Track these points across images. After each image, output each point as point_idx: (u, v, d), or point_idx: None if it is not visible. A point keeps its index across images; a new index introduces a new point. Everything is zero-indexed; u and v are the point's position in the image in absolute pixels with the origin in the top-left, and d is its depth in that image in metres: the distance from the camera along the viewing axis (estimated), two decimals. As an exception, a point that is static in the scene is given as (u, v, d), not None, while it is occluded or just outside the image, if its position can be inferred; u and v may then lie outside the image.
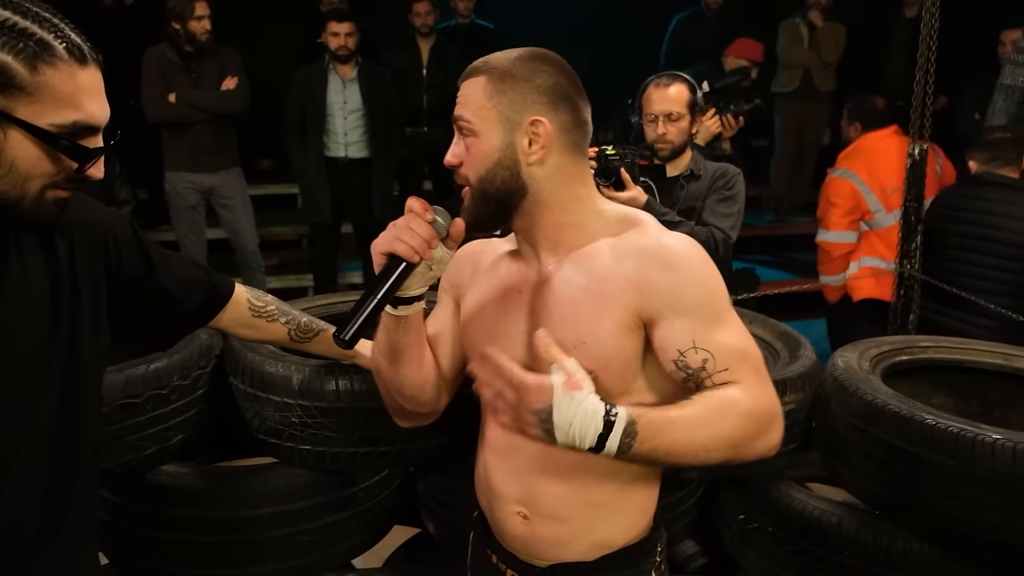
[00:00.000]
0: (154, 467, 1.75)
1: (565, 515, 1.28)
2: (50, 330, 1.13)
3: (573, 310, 1.21)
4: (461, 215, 1.24)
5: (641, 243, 1.21)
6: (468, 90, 1.24)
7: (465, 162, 1.24)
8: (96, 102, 1.05)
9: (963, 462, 1.65)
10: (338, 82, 4.53)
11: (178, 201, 4.35)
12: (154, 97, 4.19)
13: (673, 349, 1.16)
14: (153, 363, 1.70)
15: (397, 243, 1.16)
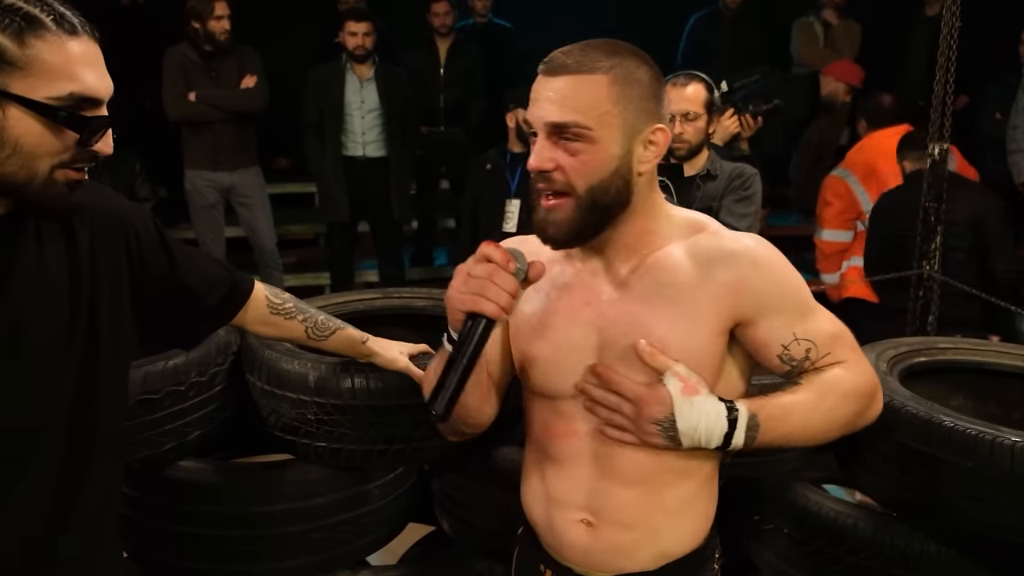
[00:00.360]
0: (172, 463, 1.76)
1: (633, 522, 1.25)
2: (69, 321, 1.13)
3: (660, 319, 1.18)
4: (549, 229, 1.15)
5: (724, 247, 1.20)
6: (582, 91, 1.12)
7: (570, 169, 1.13)
8: (92, 73, 1.04)
9: (982, 464, 1.63)
10: (355, 82, 4.54)
11: (197, 199, 4.39)
12: (175, 96, 4.23)
13: (776, 344, 1.20)
14: (171, 359, 1.72)
15: (483, 303, 1.07)
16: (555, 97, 1.13)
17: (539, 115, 1.15)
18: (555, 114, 1.13)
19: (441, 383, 1.11)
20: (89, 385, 1.16)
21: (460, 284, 1.11)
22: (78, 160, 1.06)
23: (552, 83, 1.14)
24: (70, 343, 1.13)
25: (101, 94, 1.05)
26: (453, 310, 1.12)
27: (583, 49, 1.15)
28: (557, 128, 1.13)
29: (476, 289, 1.08)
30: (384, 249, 4.95)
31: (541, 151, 1.14)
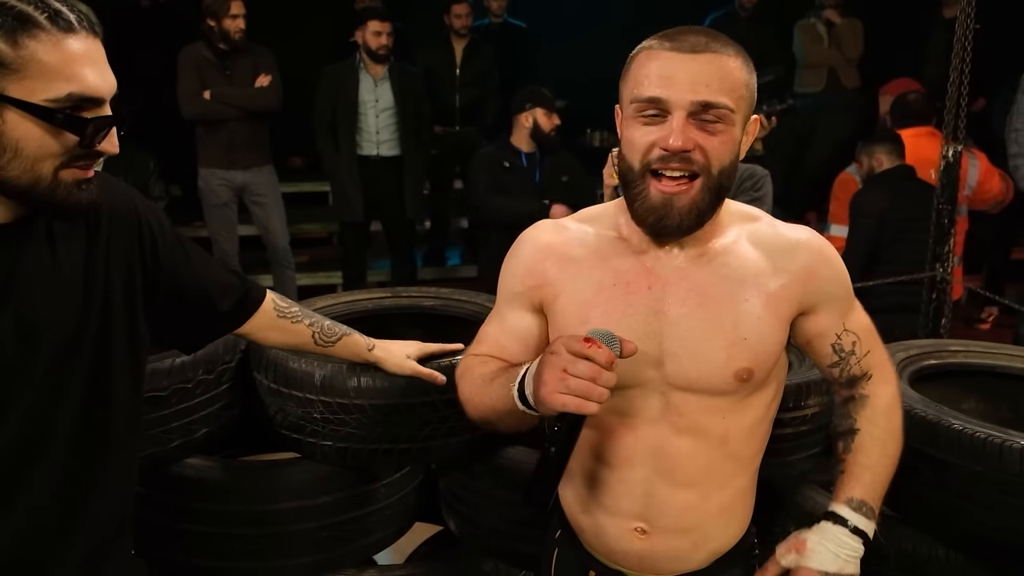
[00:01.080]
0: (179, 460, 1.78)
1: (690, 525, 1.25)
2: (80, 324, 1.12)
3: (731, 306, 1.18)
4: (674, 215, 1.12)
5: (789, 236, 1.23)
6: (727, 72, 1.09)
7: (710, 149, 1.10)
8: (92, 71, 1.00)
9: (990, 468, 1.62)
10: (369, 80, 4.55)
11: (211, 198, 4.42)
12: (189, 94, 4.26)
13: (831, 333, 1.25)
14: (179, 357, 1.73)
15: (587, 405, 1.01)
16: (702, 76, 1.08)
17: (683, 94, 1.08)
18: (704, 93, 1.08)
19: (539, 477, 1.08)
20: (101, 387, 1.15)
21: (557, 382, 1.02)
22: (82, 159, 1.03)
23: (694, 61, 1.08)
24: (80, 346, 1.12)
25: (102, 93, 1.02)
26: (548, 406, 1.04)
27: (706, 32, 1.12)
28: (704, 107, 1.09)
29: (580, 392, 1.01)
30: (397, 248, 4.96)
31: (684, 131, 1.08)
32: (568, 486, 1.32)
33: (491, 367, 1.23)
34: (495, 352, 1.29)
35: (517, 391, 1.11)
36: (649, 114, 1.11)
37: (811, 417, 1.82)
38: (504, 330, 1.29)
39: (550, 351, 1.05)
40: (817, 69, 5.86)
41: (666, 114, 1.10)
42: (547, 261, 1.25)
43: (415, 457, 1.80)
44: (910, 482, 1.73)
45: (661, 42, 1.12)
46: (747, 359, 1.17)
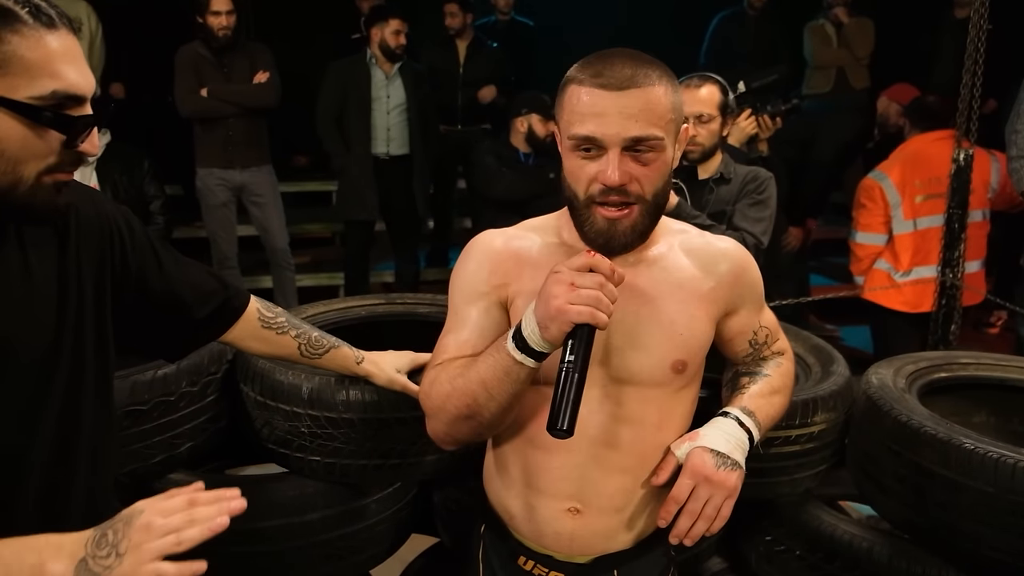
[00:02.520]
0: (161, 476, 1.72)
1: (621, 505, 1.32)
2: (56, 331, 1.08)
3: (668, 306, 1.28)
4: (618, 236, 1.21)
5: (718, 246, 1.36)
6: (651, 100, 1.16)
7: (644, 179, 1.19)
8: (74, 68, 0.98)
9: (1003, 489, 1.56)
10: (381, 77, 4.50)
11: (209, 198, 4.37)
12: (186, 92, 4.21)
13: (749, 330, 1.41)
14: (161, 368, 1.68)
15: (599, 314, 1.08)
16: (630, 112, 1.15)
17: (615, 131, 1.16)
18: (635, 129, 1.16)
19: (561, 400, 1.08)
20: (75, 397, 1.11)
21: (567, 293, 1.08)
22: (65, 163, 1.00)
23: (621, 98, 1.15)
24: (57, 354, 1.08)
25: (84, 91, 0.99)
26: (561, 321, 1.09)
27: (626, 61, 1.17)
28: (636, 142, 1.16)
29: (590, 301, 1.08)
30: (403, 249, 4.90)
31: (620, 166, 1.16)
32: (498, 474, 1.37)
33: (467, 360, 1.24)
34: (465, 353, 1.27)
35: (513, 340, 1.13)
36: (585, 149, 1.18)
37: (818, 434, 1.76)
38: (473, 329, 1.28)
39: (554, 271, 1.11)
40: (826, 70, 5.80)
41: (601, 150, 1.17)
42: (508, 263, 1.31)
43: (406, 472, 1.74)
44: (919, 502, 1.68)
45: (590, 77, 1.17)
46: (682, 352, 1.28)
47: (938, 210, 3.44)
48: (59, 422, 1.09)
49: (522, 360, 1.14)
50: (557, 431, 1.07)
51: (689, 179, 2.66)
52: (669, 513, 1.26)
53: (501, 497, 1.38)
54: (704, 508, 1.24)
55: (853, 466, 1.88)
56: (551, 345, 1.12)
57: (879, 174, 3.54)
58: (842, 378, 1.88)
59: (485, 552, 1.42)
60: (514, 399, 1.19)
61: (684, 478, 1.25)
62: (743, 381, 1.41)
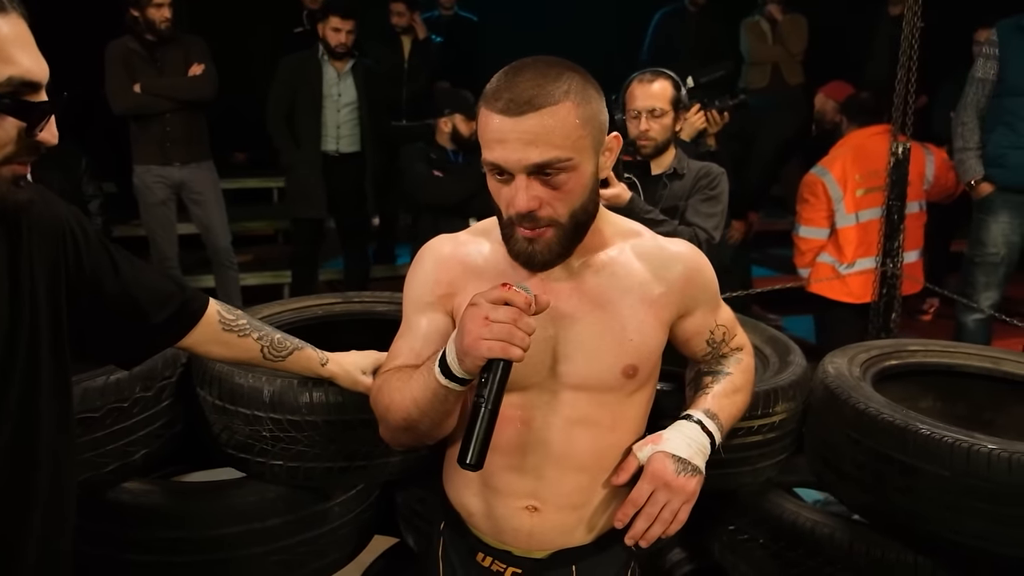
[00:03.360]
0: (115, 485, 1.65)
1: (580, 502, 1.32)
2: (9, 346, 1.03)
3: (618, 311, 1.28)
4: (537, 255, 1.20)
5: (670, 249, 1.34)
6: (551, 122, 1.12)
7: (555, 201, 1.17)
8: (27, 54, 0.94)
9: (958, 473, 1.60)
10: (333, 74, 4.43)
11: (148, 196, 4.22)
12: (118, 89, 4.07)
13: (706, 331, 1.40)
14: (114, 374, 1.60)
15: (512, 349, 1.07)
16: (529, 138, 1.12)
17: (516, 158, 1.13)
18: (535, 155, 1.13)
19: (471, 434, 1.08)
20: (32, 398, 1.06)
21: (480, 328, 1.07)
22: (22, 153, 0.95)
23: (520, 124, 1.12)
24: (12, 354, 1.03)
25: (39, 77, 0.95)
26: (473, 355, 1.08)
27: (531, 78, 1.13)
28: (539, 168, 1.14)
29: (502, 335, 1.06)
30: (353, 247, 4.83)
31: (527, 191, 1.15)
32: (456, 474, 1.37)
33: (408, 372, 1.25)
34: (411, 362, 1.29)
35: (439, 365, 1.14)
36: (497, 174, 1.18)
37: (779, 424, 1.78)
38: (419, 337, 1.31)
39: (470, 304, 1.10)
40: (762, 66, 5.94)
41: (510, 176, 1.16)
42: (453, 271, 1.31)
43: (372, 474, 1.71)
44: (877, 488, 1.72)
45: (493, 101, 1.14)
46: (633, 357, 1.28)
47: (878, 203, 3.54)
48: (16, 425, 1.05)
49: (447, 385, 1.14)
50: (466, 465, 1.08)
51: (643, 174, 2.68)
52: (626, 515, 1.27)
53: (460, 495, 1.39)
54: (661, 512, 1.25)
55: (811, 454, 1.92)
56: (470, 375, 1.12)
57: (821, 170, 3.63)
58: (800, 368, 1.91)
59: (444, 549, 1.43)
60: (445, 416, 1.21)
61: (644, 482, 1.26)
62: (706, 380, 1.41)
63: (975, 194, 3.92)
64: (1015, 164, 3.75)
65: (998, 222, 3.88)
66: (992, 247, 3.90)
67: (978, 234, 3.95)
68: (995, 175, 3.83)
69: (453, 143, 3.91)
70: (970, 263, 3.99)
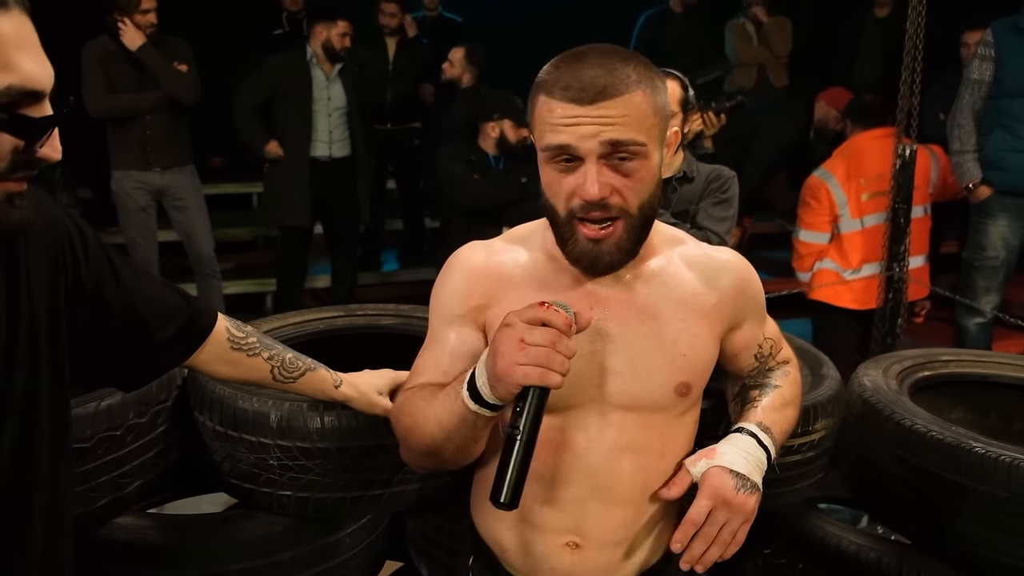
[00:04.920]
0: (107, 521, 1.50)
1: (624, 538, 1.24)
2: (5, 373, 0.92)
3: (670, 325, 1.20)
4: (604, 257, 1.12)
5: (718, 258, 1.27)
6: (625, 108, 1.06)
7: (626, 190, 1.09)
8: (31, 58, 0.81)
9: (1015, 493, 1.51)
10: (322, 78, 4.30)
11: (127, 203, 4.05)
12: (96, 92, 3.89)
13: (755, 344, 1.32)
14: (105, 400, 1.46)
15: (550, 376, 0.98)
16: (606, 121, 1.06)
17: (590, 135, 1.06)
18: (612, 133, 1.06)
19: (504, 470, 0.99)
20: (30, 442, 0.95)
21: (515, 352, 0.98)
22: (18, 169, 0.84)
23: (592, 110, 1.06)
24: (8, 394, 0.92)
25: (43, 85, 0.83)
26: (507, 383, 0.99)
27: (599, 66, 1.07)
28: (614, 148, 1.07)
29: (540, 360, 0.97)
30: (344, 253, 4.69)
31: (598, 177, 1.07)
32: (489, 505, 1.21)
33: (433, 390, 1.16)
34: (437, 379, 1.19)
35: (467, 389, 1.05)
36: (562, 160, 1.09)
37: (818, 442, 1.68)
38: (446, 353, 1.21)
39: (504, 324, 1.01)
40: (747, 68, 5.90)
41: (578, 161, 1.08)
42: (487, 281, 1.22)
43: (389, 504, 1.58)
44: (927, 509, 1.62)
45: (560, 90, 1.07)
46: (686, 374, 1.20)
47: (883, 207, 3.48)
48: (12, 472, 0.93)
49: (476, 410, 1.05)
50: (500, 504, 0.99)
51: (654, 176, 2.58)
52: (686, 535, 1.17)
53: (492, 529, 1.29)
54: (720, 532, 1.16)
55: (849, 471, 1.82)
56: (503, 401, 1.03)
57: (824, 173, 3.55)
58: (835, 381, 1.81)
59: None
60: (473, 443, 1.12)
61: (702, 499, 1.17)
62: (753, 394, 1.32)
63: (973, 197, 3.87)
64: (1014, 167, 3.71)
65: (997, 225, 3.84)
66: (991, 250, 3.86)
67: (977, 237, 3.91)
68: (993, 178, 3.78)
69: (498, 149, 3.75)
70: (969, 267, 3.94)
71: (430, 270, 5.30)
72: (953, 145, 3.90)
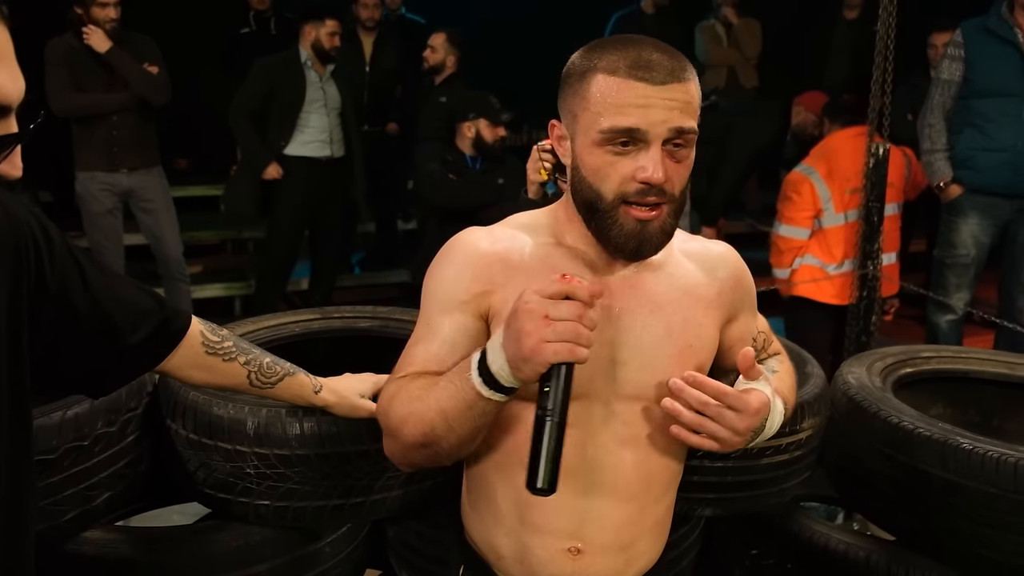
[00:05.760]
0: (74, 535, 1.44)
1: (626, 542, 1.20)
2: None
3: (676, 314, 1.18)
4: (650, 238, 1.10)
5: (715, 250, 1.27)
6: (688, 94, 1.07)
7: (676, 175, 1.09)
8: (3, 71, 0.76)
9: (1003, 489, 1.50)
10: (316, 79, 4.24)
11: (92, 205, 3.93)
12: (59, 90, 3.77)
13: (749, 337, 1.30)
14: (71, 408, 1.39)
15: (579, 351, 0.95)
16: (675, 104, 1.06)
17: (662, 120, 1.05)
18: (679, 120, 1.06)
19: (538, 453, 0.94)
20: None
21: (542, 330, 0.94)
22: None
23: (664, 92, 1.05)
24: None
25: (11, 99, 0.79)
26: (535, 362, 0.95)
27: (659, 51, 1.07)
28: (678, 134, 1.07)
29: (569, 336, 0.94)
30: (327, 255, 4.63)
31: (663, 161, 1.06)
32: (483, 507, 1.22)
33: (431, 379, 1.10)
34: (432, 368, 1.12)
35: (479, 374, 1.00)
36: (621, 143, 1.07)
37: (805, 440, 1.66)
38: (442, 340, 1.14)
39: (522, 301, 0.97)
40: (717, 69, 5.92)
41: (640, 144, 1.07)
42: (494, 267, 1.16)
43: (371, 511, 1.53)
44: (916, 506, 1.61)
45: (628, 68, 1.06)
46: (693, 364, 1.18)
47: (863, 203, 3.48)
48: None
49: (489, 396, 1.00)
50: (537, 490, 0.95)
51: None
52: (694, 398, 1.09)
53: (487, 535, 1.22)
54: (711, 423, 1.09)
55: (834, 469, 1.81)
56: (525, 384, 0.99)
57: (807, 168, 3.55)
58: (820, 379, 1.79)
59: None
60: (477, 432, 1.06)
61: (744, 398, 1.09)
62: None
63: (944, 196, 3.91)
64: (984, 166, 3.75)
65: (968, 223, 3.87)
66: (962, 248, 3.90)
67: (948, 236, 3.94)
68: (964, 177, 3.82)
69: (474, 149, 3.72)
70: (941, 264, 3.98)
71: (403, 272, 5.25)
72: (924, 144, 3.93)
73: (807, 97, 4.23)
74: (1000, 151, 3.66)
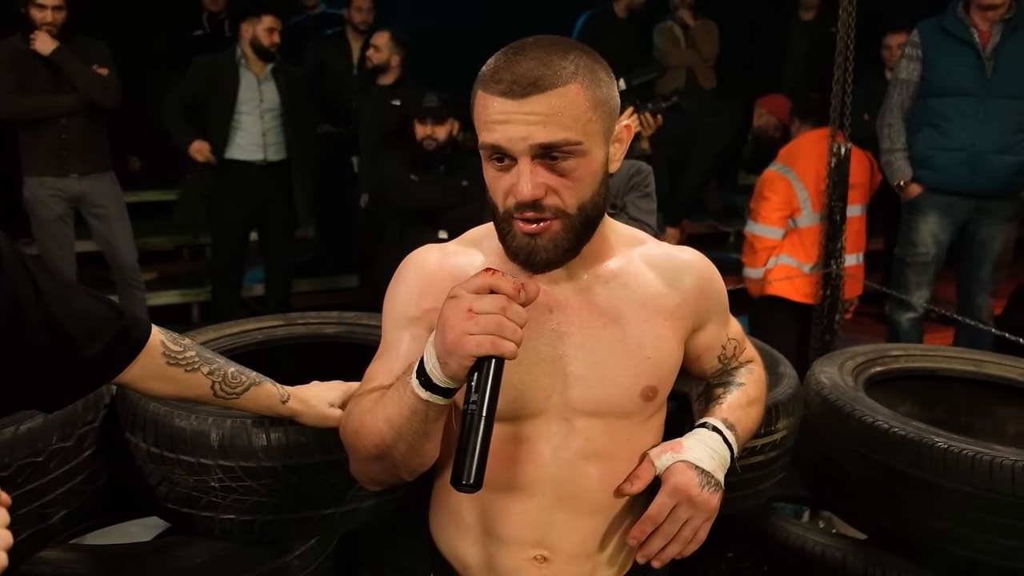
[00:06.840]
0: (29, 555, 1.37)
1: (593, 549, 1.19)
2: None
3: (633, 327, 1.16)
4: (539, 252, 1.06)
5: (680, 257, 1.23)
6: (559, 103, 1.01)
7: (563, 190, 1.04)
8: None
9: (979, 488, 1.51)
10: (251, 79, 4.13)
11: (42, 211, 3.81)
12: (5, 92, 3.65)
13: (718, 345, 1.29)
14: (24, 423, 1.32)
15: (503, 344, 0.93)
16: (536, 119, 1.01)
17: (520, 137, 1.01)
18: (542, 135, 1.01)
19: (464, 448, 0.93)
20: None
21: (464, 323, 0.93)
22: None
23: (524, 106, 1.01)
24: None
25: None
26: (459, 355, 0.94)
27: (535, 58, 1.02)
28: (546, 149, 1.02)
29: (491, 328, 0.93)
30: (278, 260, 4.53)
31: (532, 177, 1.02)
32: (449, 518, 1.23)
33: (383, 392, 1.10)
34: (389, 383, 1.12)
35: (417, 376, 1.00)
36: (497, 159, 1.06)
37: (780, 441, 1.65)
38: (399, 355, 1.16)
39: (450, 296, 0.97)
40: (676, 71, 5.96)
41: (511, 160, 1.05)
42: (443, 283, 1.14)
43: (342, 523, 1.48)
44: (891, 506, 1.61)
45: (493, 83, 1.04)
46: (652, 378, 1.17)
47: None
48: None
49: (428, 399, 0.99)
50: (462, 486, 0.93)
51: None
52: (643, 532, 1.14)
53: (454, 546, 1.22)
54: (682, 530, 1.13)
55: (808, 470, 1.80)
56: (455, 381, 0.98)
57: (783, 167, 3.56)
58: (793, 380, 1.78)
59: None
60: (425, 438, 1.05)
61: (664, 496, 1.13)
62: (717, 392, 1.29)
63: (904, 195, 3.96)
64: (943, 165, 3.81)
65: (927, 222, 3.93)
66: (922, 247, 3.95)
67: (908, 234, 4.00)
68: (923, 176, 3.87)
69: (415, 149, 3.68)
70: (901, 263, 4.03)
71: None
72: (883, 144, 3.98)
73: (770, 100, 4.26)
74: (958, 151, 3.72)
